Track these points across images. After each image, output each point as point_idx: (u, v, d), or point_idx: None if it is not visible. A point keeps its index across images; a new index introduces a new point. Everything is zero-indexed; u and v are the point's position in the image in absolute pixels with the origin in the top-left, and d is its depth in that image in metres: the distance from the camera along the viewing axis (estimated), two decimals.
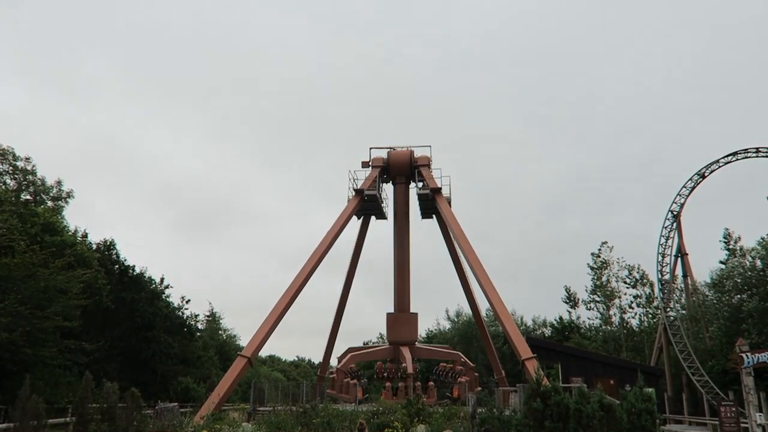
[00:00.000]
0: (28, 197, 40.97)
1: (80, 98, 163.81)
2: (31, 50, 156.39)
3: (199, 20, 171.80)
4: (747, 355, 25.56)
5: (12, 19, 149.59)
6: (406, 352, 38.13)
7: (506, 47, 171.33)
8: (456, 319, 68.52)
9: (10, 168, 40.09)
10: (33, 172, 41.23)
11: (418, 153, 41.17)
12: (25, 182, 40.97)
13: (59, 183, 43.22)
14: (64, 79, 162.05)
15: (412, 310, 41.20)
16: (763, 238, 40.91)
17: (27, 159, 40.83)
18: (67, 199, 43.65)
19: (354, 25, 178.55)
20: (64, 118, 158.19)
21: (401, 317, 40.05)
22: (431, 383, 37.88)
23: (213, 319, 67.41)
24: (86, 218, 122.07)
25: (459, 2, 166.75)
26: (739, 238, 49.35)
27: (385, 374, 38.20)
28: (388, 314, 40.50)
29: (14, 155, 40.19)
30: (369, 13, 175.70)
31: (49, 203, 42.34)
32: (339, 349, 45.83)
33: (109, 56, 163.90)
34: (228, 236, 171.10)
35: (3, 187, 37.80)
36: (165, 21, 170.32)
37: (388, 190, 43.48)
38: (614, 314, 60.63)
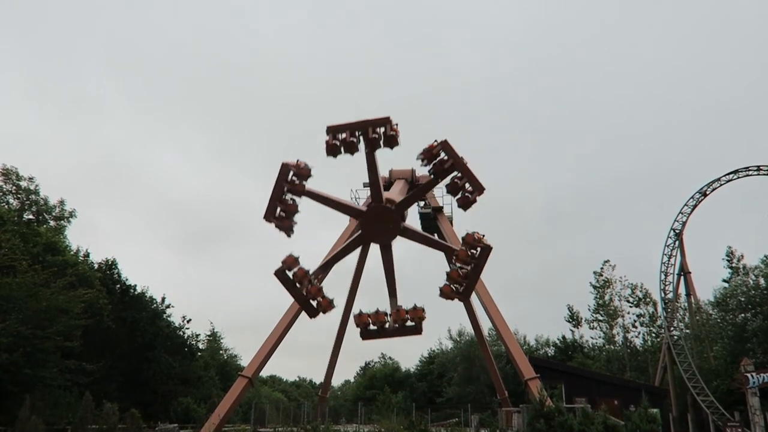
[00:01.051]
0: (31, 217, 41.12)
1: (85, 117, 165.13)
2: (37, 70, 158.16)
3: (203, 40, 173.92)
4: (752, 375, 25.42)
5: (19, 39, 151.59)
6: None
7: (507, 63, 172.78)
8: (458, 339, 68.09)
9: (14, 188, 40.33)
10: (36, 192, 41.48)
11: (419, 172, 41.17)
12: (28, 202, 41.18)
13: (62, 203, 43.50)
14: (69, 99, 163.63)
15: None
16: (766, 256, 40.84)
17: (30, 179, 41.15)
18: (70, 219, 43.87)
19: (357, 44, 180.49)
20: (68, 137, 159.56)
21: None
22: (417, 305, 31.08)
23: (214, 338, 67.06)
24: (89, 237, 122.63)
25: (461, 19, 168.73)
26: (742, 256, 49.33)
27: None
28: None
29: (18, 175, 40.50)
30: (371, 31, 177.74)
31: (52, 223, 42.49)
32: (341, 369, 45.30)
33: (114, 76, 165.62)
34: (230, 255, 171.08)
35: (6, 206, 37.96)
36: (170, 40, 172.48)
37: None
38: (617, 333, 60.33)
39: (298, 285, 29.95)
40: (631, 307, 59.29)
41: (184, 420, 40.60)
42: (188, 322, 50.59)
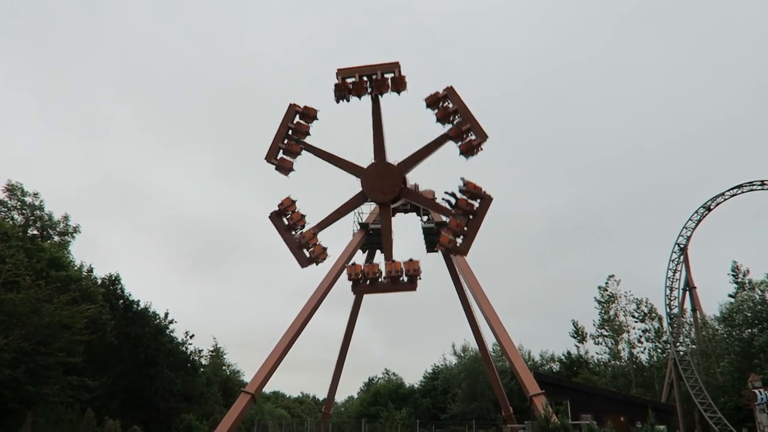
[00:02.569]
0: (35, 232, 41.22)
1: (93, 137, 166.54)
2: (47, 90, 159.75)
3: (209, 60, 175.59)
4: (760, 392, 25.16)
5: (31, 60, 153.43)
6: (384, 229, 31.93)
7: (509, 81, 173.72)
8: (462, 355, 67.65)
9: (18, 203, 40.48)
10: (40, 207, 41.61)
11: (422, 187, 41.18)
12: (33, 217, 41.30)
13: (66, 218, 43.57)
14: (78, 119, 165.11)
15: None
16: None
17: (35, 194, 41.30)
18: (74, 234, 43.94)
19: (361, 53, 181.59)
20: (78, 157, 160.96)
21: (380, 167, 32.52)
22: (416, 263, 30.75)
23: (216, 354, 66.76)
24: (96, 254, 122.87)
25: (463, 31, 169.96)
26: (748, 271, 49.11)
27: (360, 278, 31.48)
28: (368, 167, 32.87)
29: (23, 190, 40.67)
30: (375, 42, 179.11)
31: (56, 238, 42.54)
32: (344, 384, 45.04)
33: (122, 96, 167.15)
34: (234, 272, 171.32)
35: (11, 222, 38.05)
36: (176, 61, 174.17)
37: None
38: (623, 349, 59.86)
39: (292, 231, 30.04)
40: (636, 322, 58.94)
41: None
42: (191, 337, 50.48)
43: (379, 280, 29.75)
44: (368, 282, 30.00)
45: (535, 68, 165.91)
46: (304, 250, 30.92)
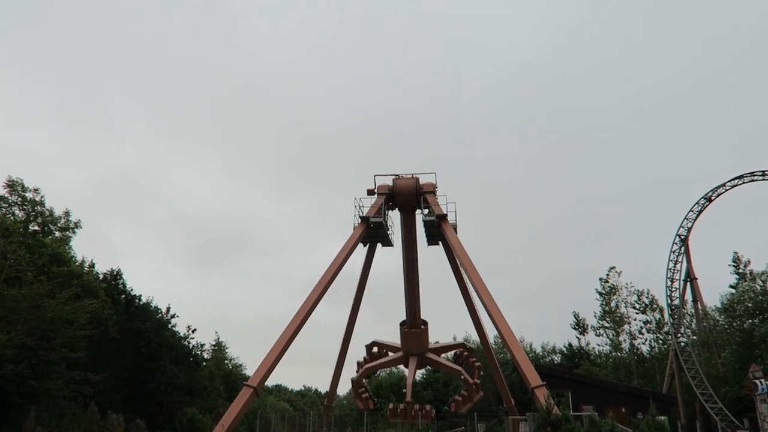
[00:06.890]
0: (36, 228, 41.23)
1: (104, 134, 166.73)
2: (60, 87, 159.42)
3: (219, 56, 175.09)
4: (761, 382, 25.19)
5: (47, 57, 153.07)
6: (409, 377, 42.06)
7: (511, 76, 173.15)
8: None
9: (19, 199, 40.48)
10: (41, 203, 41.60)
11: (423, 180, 41.11)
12: (34, 213, 41.30)
13: (67, 213, 43.58)
14: (90, 115, 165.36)
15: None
16: None
17: (35, 190, 41.27)
18: (75, 230, 43.94)
19: (364, 56, 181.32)
20: (87, 153, 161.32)
21: (412, 333, 42.39)
22: (428, 406, 41.66)
23: (219, 348, 66.92)
24: (106, 249, 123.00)
25: (468, 35, 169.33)
26: (749, 261, 49.09)
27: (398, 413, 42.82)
28: (401, 324, 42.56)
29: (23, 186, 40.64)
30: (380, 43, 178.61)
31: (57, 234, 42.56)
32: (347, 378, 45.26)
33: (128, 92, 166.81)
34: (239, 267, 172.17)
35: (12, 218, 38.06)
36: (187, 58, 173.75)
37: (393, 216, 43.35)
38: (624, 340, 60.00)
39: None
40: (637, 313, 59.03)
41: (190, 431, 40.48)
42: (193, 331, 50.62)
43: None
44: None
45: (533, 64, 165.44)
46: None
